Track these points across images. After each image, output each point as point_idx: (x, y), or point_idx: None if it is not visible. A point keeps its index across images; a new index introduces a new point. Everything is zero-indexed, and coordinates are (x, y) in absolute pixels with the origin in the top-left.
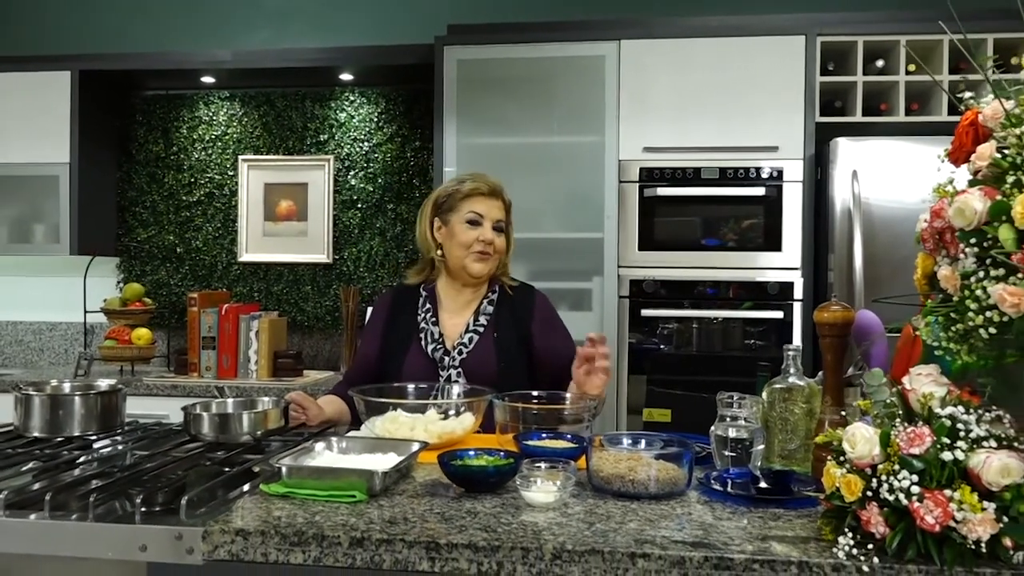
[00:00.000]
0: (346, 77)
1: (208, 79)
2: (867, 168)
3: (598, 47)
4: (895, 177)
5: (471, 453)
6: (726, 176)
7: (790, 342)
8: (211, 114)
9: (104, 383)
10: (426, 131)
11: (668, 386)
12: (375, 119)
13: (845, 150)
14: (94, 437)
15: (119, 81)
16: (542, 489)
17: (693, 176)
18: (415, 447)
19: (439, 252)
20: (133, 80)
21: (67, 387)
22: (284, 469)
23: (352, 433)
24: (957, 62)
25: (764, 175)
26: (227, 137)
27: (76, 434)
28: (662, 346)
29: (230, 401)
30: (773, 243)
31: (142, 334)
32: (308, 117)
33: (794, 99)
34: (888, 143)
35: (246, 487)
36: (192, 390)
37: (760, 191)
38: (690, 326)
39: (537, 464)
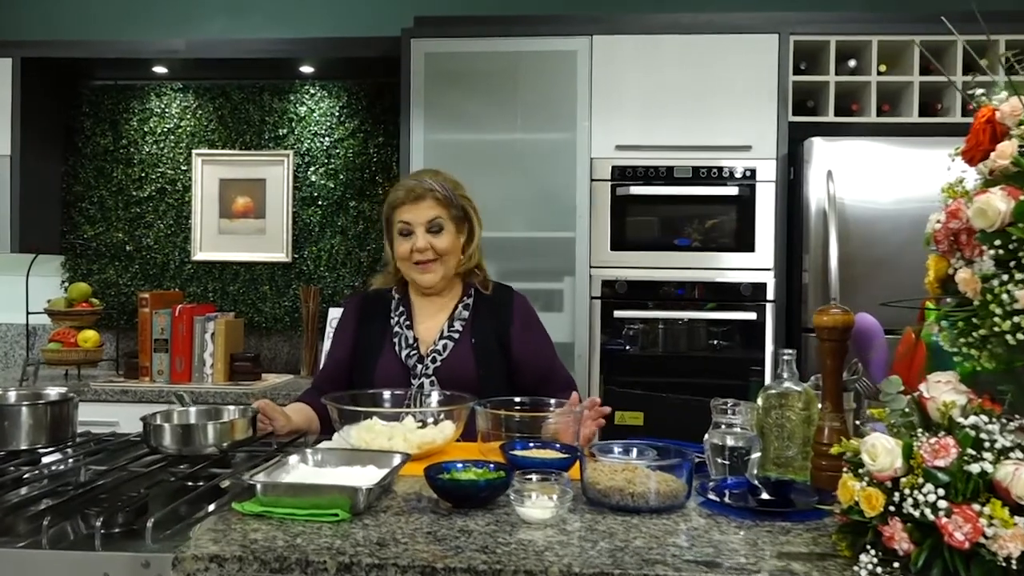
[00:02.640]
0: (306, 70)
1: (160, 69)
2: (842, 168)
3: (570, 42)
4: (869, 177)
5: (458, 466)
6: (699, 175)
7: (762, 344)
8: (163, 106)
9: (53, 391)
10: (389, 126)
11: (640, 388)
12: (336, 113)
13: (820, 150)
14: (43, 451)
15: (65, 70)
16: (538, 504)
17: (666, 175)
18: (397, 459)
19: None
20: (80, 69)
21: (12, 396)
22: (259, 486)
23: (325, 444)
24: (927, 63)
25: (737, 175)
26: (180, 130)
27: (23, 448)
28: (634, 348)
29: (192, 410)
30: (746, 243)
31: (89, 336)
32: (266, 111)
33: (767, 98)
34: (863, 143)
35: (212, 506)
36: (144, 395)
37: (733, 191)
38: (663, 327)
39: (528, 476)
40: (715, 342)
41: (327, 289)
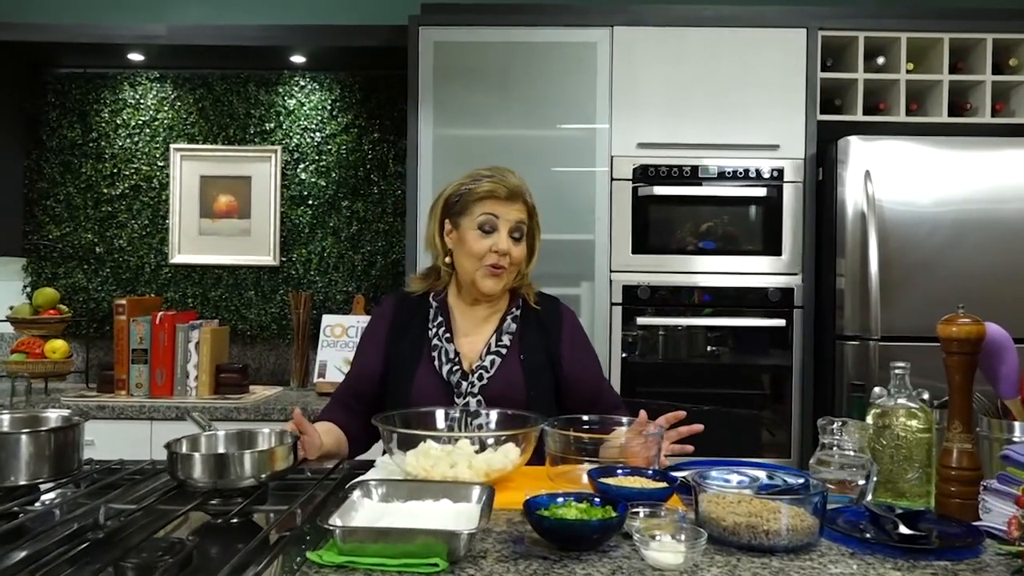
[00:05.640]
0: (297, 59)
1: (136, 56)
2: (879, 169)
3: (589, 33)
4: (907, 178)
5: (558, 499)
6: (724, 175)
7: (790, 352)
8: (138, 96)
9: (54, 414)
10: (385, 121)
11: (664, 399)
12: (328, 107)
13: (857, 150)
14: (47, 485)
15: (28, 56)
16: (667, 547)
17: (691, 175)
18: (476, 492)
19: (447, 259)
20: (45, 55)
21: (7, 421)
22: (338, 532)
23: (373, 472)
24: (956, 61)
25: (765, 175)
26: (157, 123)
27: (23, 483)
28: (657, 356)
29: (221, 435)
30: (773, 247)
31: (57, 346)
32: (252, 103)
33: (794, 95)
34: (900, 143)
35: (270, 557)
36: (123, 411)
37: (761, 192)
38: (687, 335)
39: (635, 511)
40: (743, 350)
41: (318, 295)
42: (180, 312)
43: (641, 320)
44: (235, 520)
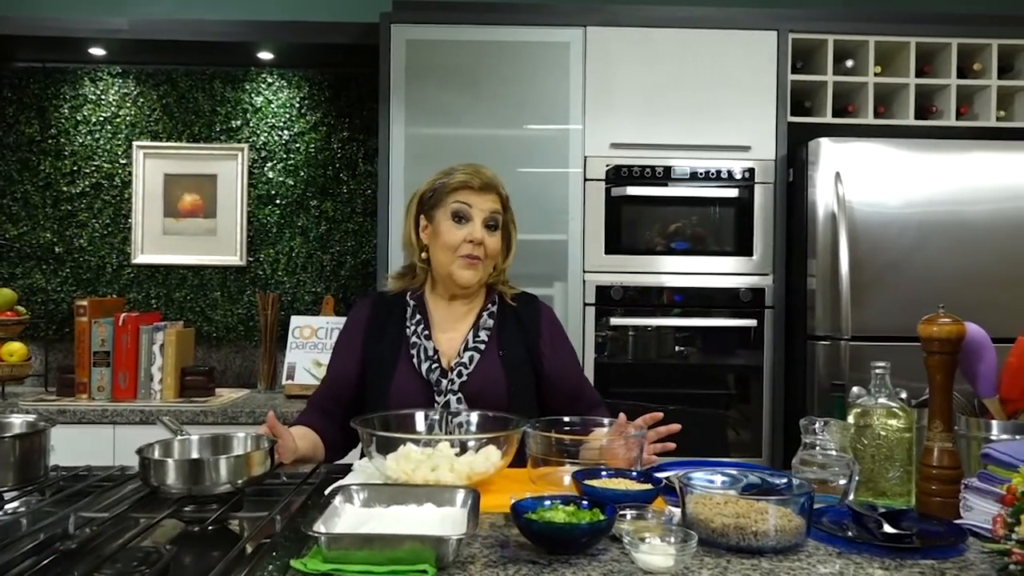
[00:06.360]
0: (265, 56)
1: (97, 51)
2: (849, 170)
3: (562, 33)
4: (876, 180)
5: (545, 502)
6: (697, 176)
7: (761, 352)
8: (99, 92)
9: (19, 419)
10: (355, 120)
11: (637, 399)
12: (297, 105)
13: (828, 151)
14: (10, 494)
15: None
16: (658, 550)
17: (663, 175)
18: (462, 496)
19: (424, 255)
20: (1, 48)
21: None
22: (323, 539)
23: (352, 477)
24: (922, 64)
25: (736, 176)
26: (119, 120)
27: None
28: (630, 357)
29: (194, 440)
30: (745, 247)
31: (15, 349)
32: (217, 100)
33: (766, 97)
34: (871, 146)
35: (251, 566)
36: (85, 415)
37: (733, 193)
38: (661, 335)
39: (622, 513)
40: (715, 350)
41: (286, 296)
42: (143, 313)
43: (614, 320)
44: (211, 527)
